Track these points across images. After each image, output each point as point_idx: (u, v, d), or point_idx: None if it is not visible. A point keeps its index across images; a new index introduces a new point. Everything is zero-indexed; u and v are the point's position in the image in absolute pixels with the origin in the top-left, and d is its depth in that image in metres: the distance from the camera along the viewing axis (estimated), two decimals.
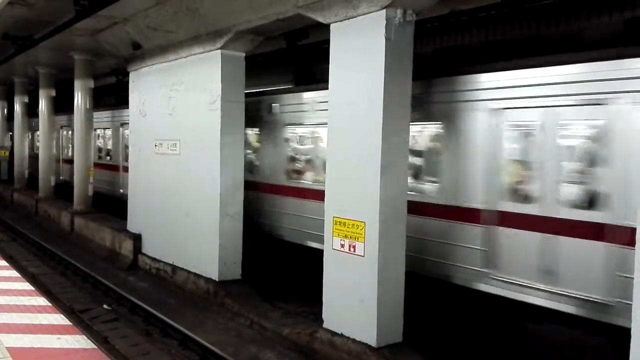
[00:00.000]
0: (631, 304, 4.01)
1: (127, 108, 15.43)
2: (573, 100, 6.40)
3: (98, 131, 19.37)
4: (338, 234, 7.40)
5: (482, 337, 7.31)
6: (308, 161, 10.57)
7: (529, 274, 6.72)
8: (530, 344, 6.81)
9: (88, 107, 16.74)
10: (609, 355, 6.01)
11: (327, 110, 7.83)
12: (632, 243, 4.29)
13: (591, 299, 6.12)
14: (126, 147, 16.34)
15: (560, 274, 6.41)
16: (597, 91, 6.17)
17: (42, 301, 7.64)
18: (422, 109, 7.84)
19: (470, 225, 7.32)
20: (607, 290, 5.98)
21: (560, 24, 7.81)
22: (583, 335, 6.31)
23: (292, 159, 10.86)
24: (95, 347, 6.27)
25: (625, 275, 5.66)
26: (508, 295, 6.93)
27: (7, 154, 27.41)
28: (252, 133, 11.69)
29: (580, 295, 6.21)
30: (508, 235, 6.96)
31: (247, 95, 10.51)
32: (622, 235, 5.83)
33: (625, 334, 4.33)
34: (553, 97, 6.55)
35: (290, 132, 10.79)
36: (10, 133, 26.85)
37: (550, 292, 6.50)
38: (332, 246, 7.50)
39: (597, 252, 6.10)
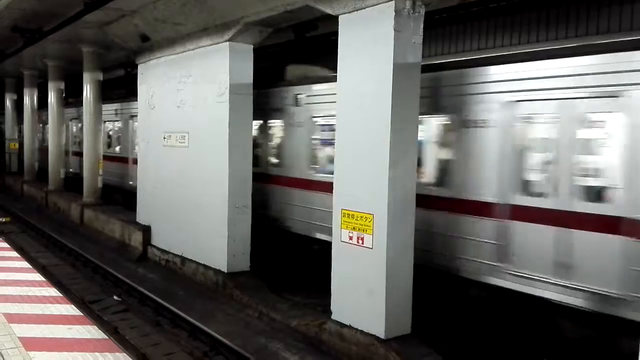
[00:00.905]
0: None
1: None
2: None
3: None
4: (347, 226, 7.40)
5: None
6: None
7: None
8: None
9: (97, 99, 16.80)
10: None
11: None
12: None
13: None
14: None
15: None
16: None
17: (53, 292, 7.70)
18: None
19: None
20: None
21: None
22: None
23: None
24: (106, 337, 6.32)
25: None
26: None
27: (17, 146, 27.59)
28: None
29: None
30: None
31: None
32: None
33: None
34: None
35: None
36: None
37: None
38: (340, 238, 7.51)
39: None
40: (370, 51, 7.05)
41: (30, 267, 9.53)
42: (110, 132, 19.15)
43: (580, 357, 6.43)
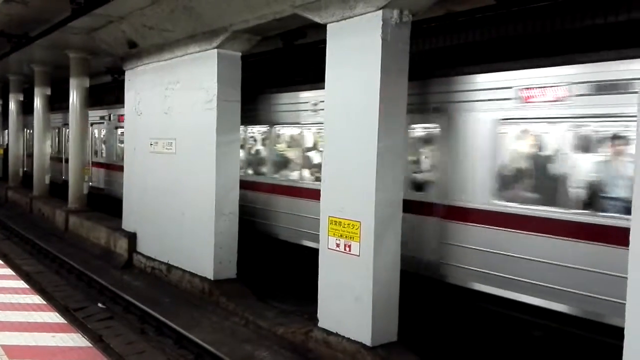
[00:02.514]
0: None
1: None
2: None
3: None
4: (333, 234, 7.42)
5: None
6: None
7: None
8: None
9: (83, 105, 16.71)
10: None
11: None
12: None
13: None
14: None
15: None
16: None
17: (37, 299, 7.63)
18: None
19: None
20: None
21: None
22: None
23: None
24: (90, 345, 6.26)
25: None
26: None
27: (1, 152, 27.32)
28: None
29: None
30: None
31: None
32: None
33: None
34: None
35: None
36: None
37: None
38: (327, 246, 7.52)
39: None
40: (358, 60, 7.10)
41: (14, 274, 9.43)
42: None
43: None
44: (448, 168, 7.68)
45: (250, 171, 11.87)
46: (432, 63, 9.16)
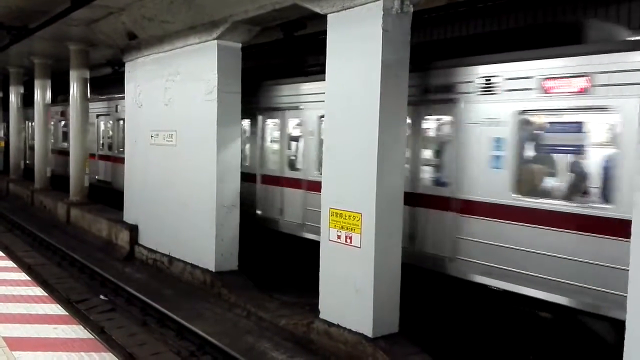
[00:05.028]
0: None
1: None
2: None
3: None
4: (334, 225, 7.40)
5: None
6: None
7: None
8: None
9: (84, 97, 16.67)
10: None
11: None
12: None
13: None
14: None
15: None
16: None
17: (38, 291, 7.61)
18: None
19: None
20: None
21: None
22: None
23: None
24: (92, 337, 6.26)
25: None
26: None
27: (2, 144, 27.31)
28: None
29: None
30: None
31: None
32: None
33: None
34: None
35: None
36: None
37: None
38: (328, 237, 7.51)
39: None
40: (358, 50, 7.06)
41: (15, 266, 9.41)
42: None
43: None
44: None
45: None
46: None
